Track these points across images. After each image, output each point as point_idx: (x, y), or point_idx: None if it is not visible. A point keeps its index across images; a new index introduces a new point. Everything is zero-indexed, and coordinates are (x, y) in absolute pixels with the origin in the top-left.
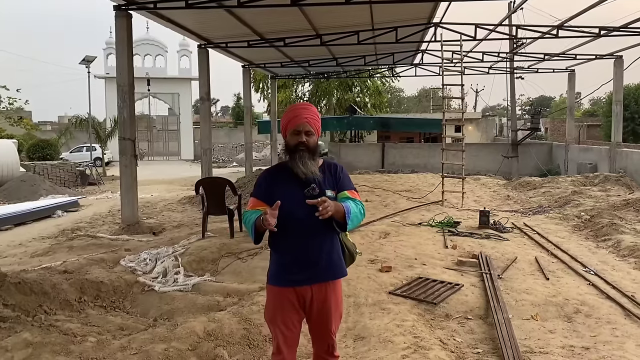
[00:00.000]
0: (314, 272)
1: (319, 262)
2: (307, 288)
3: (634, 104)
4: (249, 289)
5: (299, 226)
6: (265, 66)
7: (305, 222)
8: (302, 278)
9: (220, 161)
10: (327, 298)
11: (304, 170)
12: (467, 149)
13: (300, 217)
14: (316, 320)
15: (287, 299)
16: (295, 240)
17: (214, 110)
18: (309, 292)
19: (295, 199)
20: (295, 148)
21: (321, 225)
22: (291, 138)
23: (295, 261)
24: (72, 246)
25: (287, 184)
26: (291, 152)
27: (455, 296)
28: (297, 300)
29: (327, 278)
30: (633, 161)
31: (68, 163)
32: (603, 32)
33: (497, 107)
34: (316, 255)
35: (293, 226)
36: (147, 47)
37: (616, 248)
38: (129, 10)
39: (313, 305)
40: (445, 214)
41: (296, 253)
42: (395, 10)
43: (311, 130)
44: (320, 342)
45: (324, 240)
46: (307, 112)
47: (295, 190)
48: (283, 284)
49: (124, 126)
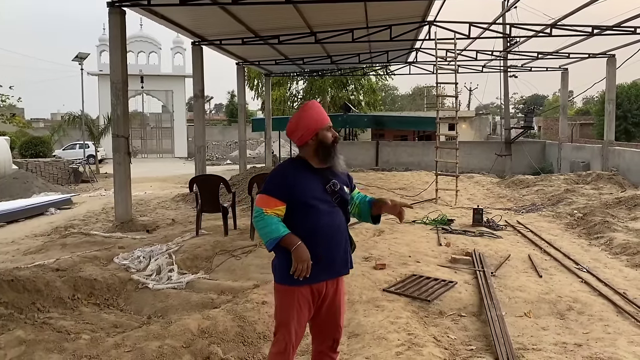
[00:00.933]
0: (333, 267)
1: (338, 257)
2: (323, 284)
3: (626, 102)
4: (243, 287)
5: (317, 224)
6: (260, 64)
7: (327, 218)
8: (321, 274)
9: (214, 159)
10: (338, 291)
11: (342, 164)
12: (461, 147)
13: (321, 214)
14: (326, 315)
15: (304, 298)
16: (317, 237)
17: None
18: (324, 288)
19: (318, 194)
20: (334, 143)
21: (339, 223)
22: (326, 134)
23: (317, 258)
24: (65, 244)
25: (308, 180)
26: (330, 148)
27: (449, 293)
28: (312, 297)
29: (342, 272)
30: (625, 159)
31: (61, 160)
32: (596, 31)
33: (491, 105)
34: (336, 250)
35: (312, 223)
36: (140, 44)
37: (608, 246)
38: (123, 6)
39: (325, 301)
40: (439, 211)
41: (318, 250)
42: (389, 8)
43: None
44: (325, 338)
45: (342, 235)
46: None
47: (318, 186)
48: (300, 283)
49: (117, 123)
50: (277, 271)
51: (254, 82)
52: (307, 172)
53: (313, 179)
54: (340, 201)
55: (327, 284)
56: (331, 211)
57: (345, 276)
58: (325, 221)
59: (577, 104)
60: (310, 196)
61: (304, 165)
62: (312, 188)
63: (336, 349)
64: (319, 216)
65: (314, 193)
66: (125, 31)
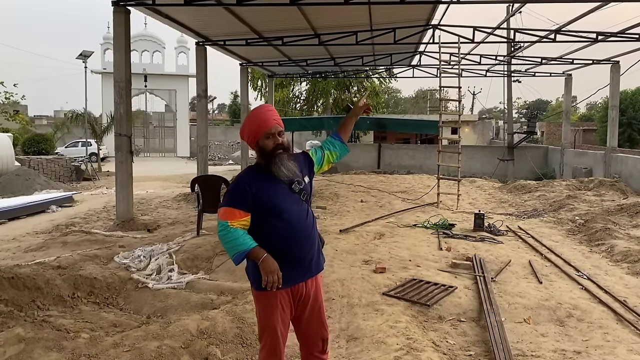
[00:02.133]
0: (310, 266)
1: (312, 257)
2: (302, 284)
3: (631, 109)
4: (243, 288)
5: (292, 225)
6: (263, 65)
7: (299, 218)
8: (299, 276)
9: (216, 159)
10: (317, 289)
11: (287, 172)
12: (463, 151)
13: (293, 215)
14: (310, 315)
15: (284, 299)
16: (289, 239)
17: (210, 108)
18: (304, 288)
19: (286, 198)
20: (274, 151)
21: (310, 220)
22: (265, 142)
23: (291, 261)
24: (66, 242)
25: (273, 185)
26: (270, 157)
27: (448, 298)
28: (292, 298)
29: (317, 271)
30: (628, 166)
31: (63, 158)
32: (600, 37)
33: (494, 109)
34: (309, 250)
35: (286, 226)
36: (144, 43)
37: (609, 253)
38: (128, 6)
39: (308, 301)
40: (440, 215)
41: (291, 252)
42: (394, 11)
43: (282, 129)
44: (314, 340)
45: (313, 235)
46: (273, 113)
47: (283, 190)
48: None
49: (120, 122)
50: (254, 278)
51: (257, 83)
52: (268, 176)
53: (276, 182)
54: (307, 197)
55: (306, 284)
56: (301, 210)
57: (344, 279)
58: (298, 222)
59: (580, 110)
60: (279, 200)
61: (262, 170)
62: (277, 191)
63: (326, 350)
64: (291, 218)
65: (280, 196)
66: (129, 30)
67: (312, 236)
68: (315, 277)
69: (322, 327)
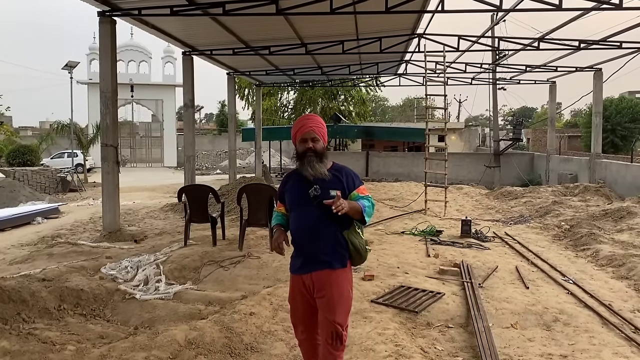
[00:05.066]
0: (313, 262)
1: (318, 253)
2: (308, 276)
3: (614, 115)
4: (231, 298)
5: (303, 222)
6: (250, 74)
7: (302, 219)
8: (304, 267)
9: (203, 168)
10: (324, 286)
11: (312, 172)
12: (450, 158)
13: (299, 214)
14: (320, 308)
15: (296, 286)
16: (300, 234)
17: (198, 117)
18: (310, 280)
19: (300, 199)
20: (304, 154)
21: (323, 220)
22: (300, 145)
23: (298, 251)
24: (52, 253)
25: (296, 185)
26: (300, 158)
27: (436, 305)
28: (305, 288)
29: (323, 267)
30: (612, 172)
31: (49, 169)
32: (583, 45)
33: (480, 117)
34: (311, 247)
35: (299, 222)
36: (131, 53)
37: (595, 258)
38: (113, 16)
39: (317, 294)
40: (428, 222)
41: (297, 244)
42: (379, 20)
43: (317, 137)
44: (325, 330)
45: (323, 233)
46: (312, 121)
47: (302, 191)
48: (293, 272)
49: (106, 132)
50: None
51: (244, 92)
52: (296, 180)
53: (299, 186)
54: (320, 204)
55: (312, 276)
56: (307, 212)
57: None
58: (302, 220)
59: (565, 117)
60: (294, 199)
61: (296, 173)
62: (295, 194)
63: (334, 345)
64: (298, 216)
65: (296, 196)
66: (115, 40)
67: (316, 236)
68: (322, 273)
69: (330, 323)
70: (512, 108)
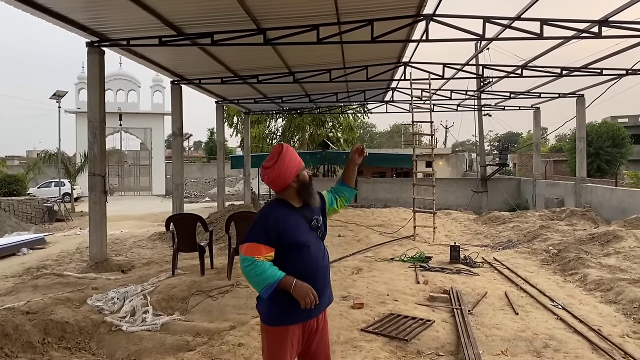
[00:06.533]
0: (323, 301)
1: (327, 290)
2: (313, 320)
3: (597, 140)
4: (219, 328)
5: (311, 262)
6: (239, 102)
7: (318, 255)
8: (314, 311)
9: (192, 196)
10: (325, 324)
11: (315, 202)
12: (438, 184)
13: (312, 252)
14: (317, 349)
15: (295, 336)
16: (308, 276)
17: (187, 145)
18: (315, 323)
19: (307, 233)
20: (311, 181)
21: (326, 254)
22: (304, 175)
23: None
24: (37, 285)
25: (296, 221)
26: (309, 187)
27: (426, 332)
28: (302, 335)
29: (328, 304)
30: (597, 196)
31: (35, 199)
32: (565, 72)
33: (467, 142)
34: (325, 283)
35: (317, 260)
36: (119, 82)
37: (583, 282)
38: (102, 46)
39: (316, 335)
40: (417, 248)
41: (318, 285)
42: (365, 49)
43: None
44: None
45: (328, 268)
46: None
47: (305, 226)
48: (293, 322)
49: (94, 162)
50: (268, 313)
51: (233, 120)
52: (292, 213)
53: (299, 219)
54: (322, 235)
55: (317, 319)
56: (319, 247)
57: None
58: (316, 258)
59: (550, 141)
60: (301, 237)
61: (288, 207)
62: (300, 228)
63: None
64: (310, 254)
65: (302, 233)
66: (103, 70)
67: (328, 273)
68: (325, 310)
69: (327, 355)
70: (497, 133)
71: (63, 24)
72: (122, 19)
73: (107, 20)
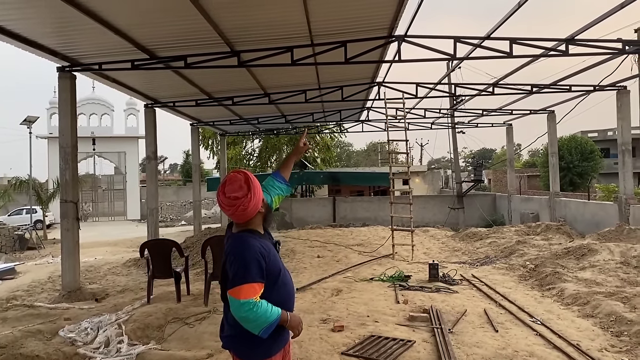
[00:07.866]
0: None
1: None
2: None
3: (567, 154)
4: (197, 356)
5: (289, 287)
6: (214, 124)
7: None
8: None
9: (168, 220)
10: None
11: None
12: (415, 201)
13: (288, 277)
14: None
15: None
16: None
17: (162, 168)
18: (288, 346)
19: (281, 261)
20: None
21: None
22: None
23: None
24: (6, 317)
25: (270, 249)
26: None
27: (407, 353)
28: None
29: None
30: (571, 210)
31: (5, 227)
32: (535, 89)
33: (442, 159)
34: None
35: (285, 289)
36: (92, 107)
37: (560, 297)
38: (73, 71)
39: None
40: (396, 267)
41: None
42: (340, 70)
43: None
44: None
45: None
46: None
47: (276, 252)
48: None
49: (66, 188)
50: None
51: (208, 142)
52: (266, 243)
53: (271, 247)
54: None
55: (289, 342)
56: (285, 268)
57: (302, 340)
58: (289, 281)
59: (523, 157)
60: (278, 265)
61: (259, 237)
62: (276, 256)
63: None
64: (286, 280)
65: (279, 260)
66: (75, 95)
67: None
68: None
69: None
70: (472, 150)
71: (32, 49)
72: (94, 43)
73: (78, 45)
